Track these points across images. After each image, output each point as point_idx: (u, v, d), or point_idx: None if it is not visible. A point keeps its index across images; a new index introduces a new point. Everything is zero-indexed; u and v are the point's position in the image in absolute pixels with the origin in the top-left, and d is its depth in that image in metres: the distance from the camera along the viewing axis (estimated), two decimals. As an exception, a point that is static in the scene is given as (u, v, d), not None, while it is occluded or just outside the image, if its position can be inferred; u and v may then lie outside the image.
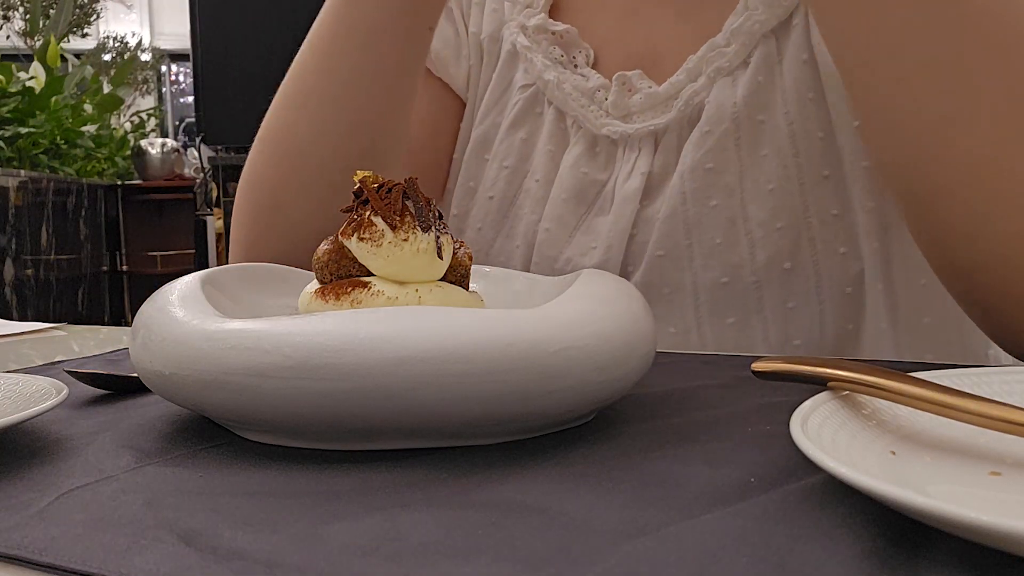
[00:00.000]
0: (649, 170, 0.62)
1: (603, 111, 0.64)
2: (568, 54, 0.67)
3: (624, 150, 0.64)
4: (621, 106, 0.63)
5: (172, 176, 4.14)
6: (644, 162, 0.63)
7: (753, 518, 0.26)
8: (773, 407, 0.37)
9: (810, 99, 0.58)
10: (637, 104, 0.63)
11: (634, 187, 0.62)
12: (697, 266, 0.60)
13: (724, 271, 0.60)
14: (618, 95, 0.63)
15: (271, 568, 0.24)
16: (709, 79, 0.60)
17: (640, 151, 0.63)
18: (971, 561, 0.22)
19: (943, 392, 0.29)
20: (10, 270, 3.06)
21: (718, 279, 0.60)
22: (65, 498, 0.30)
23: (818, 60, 0.58)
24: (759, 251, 0.59)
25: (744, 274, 0.59)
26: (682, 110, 0.61)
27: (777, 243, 0.58)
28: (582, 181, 0.64)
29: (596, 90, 0.64)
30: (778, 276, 0.59)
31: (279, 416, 0.32)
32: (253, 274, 0.48)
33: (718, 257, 0.60)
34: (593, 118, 0.64)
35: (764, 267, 0.59)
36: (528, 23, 0.68)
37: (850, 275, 0.58)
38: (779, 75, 0.59)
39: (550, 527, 0.26)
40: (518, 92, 0.68)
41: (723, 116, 0.60)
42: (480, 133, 0.70)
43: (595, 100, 0.65)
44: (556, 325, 0.33)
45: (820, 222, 0.58)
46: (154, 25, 7.47)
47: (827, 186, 0.58)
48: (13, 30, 4.98)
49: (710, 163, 0.60)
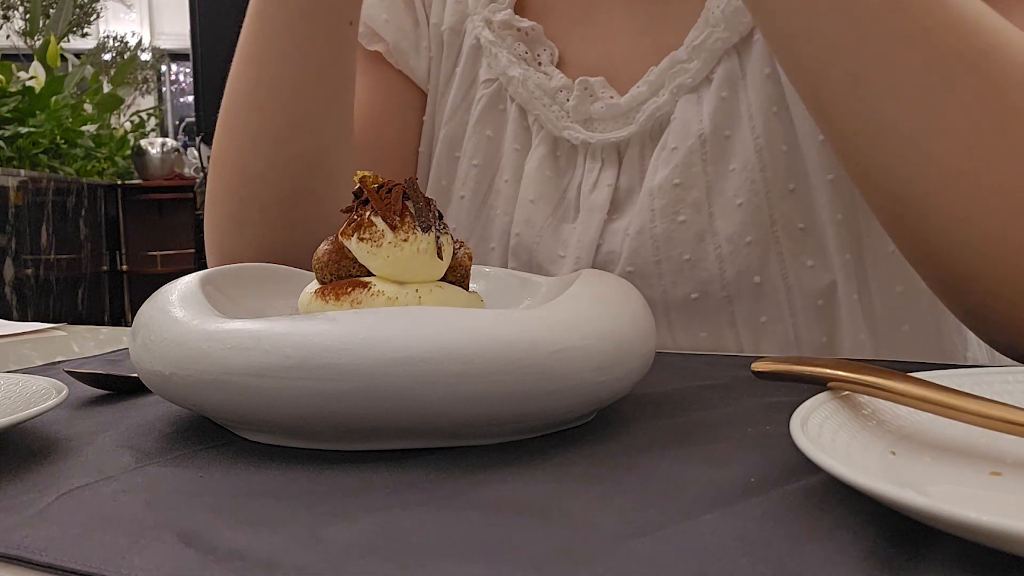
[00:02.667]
0: (615, 183, 0.62)
1: (564, 112, 0.64)
2: (532, 51, 0.66)
3: (585, 158, 0.64)
4: (582, 111, 0.63)
5: (172, 176, 4.14)
6: (609, 174, 0.62)
7: (753, 518, 0.26)
8: (773, 407, 0.37)
9: (774, 113, 0.58)
10: (598, 112, 0.63)
11: (601, 199, 0.62)
12: (667, 282, 0.60)
13: (694, 287, 0.60)
14: (580, 100, 0.63)
15: (271, 568, 0.24)
16: (672, 95, 0.60)
17: (603, 161, 0.63)
18: (971, 561, 0.22)
19: (943, 392, 0.29)
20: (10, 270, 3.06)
21: (688, 295, 0.60)
22: (65, 498, 0.30)
23: (780, 74, 0.58)
24: (728, 266, 0.59)
25: (714, 289, 0.59)
26: (644, 124, 0.61)
27: (746, 258, 0.58)
28: (546, 184, 0.64)
29: (559, 90, 0.64)
30: (748, 291, 0.59)
31: (279, 416, 0.32)
32: (253, 274, 0.48)
33: (687, 273, 0.60)
34: (555, 119, 0.64)
35: (734, 282, 0.59)
36: (494, 18, 0.67)
37: (820, 287, 0.58)
38: (743, 90, 0.59)
39: (550, 527, 0.26)
40: (482, 87, 0.68)
41: (689, 133, 0.59)
42: (449, 131, 0.70)
43: (557, 100, 0.64)
44: (556, 325, 0.33)
45: (787, 235, 0.58)
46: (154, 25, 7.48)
47: (793, 199, 0.58)
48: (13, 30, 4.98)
49: (677, 179, 0.59)
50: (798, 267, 0.58)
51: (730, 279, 0.59)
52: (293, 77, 0.58)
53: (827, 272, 0.58)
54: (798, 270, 0.58)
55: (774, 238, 0.58)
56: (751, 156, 0.58)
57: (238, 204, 0.61)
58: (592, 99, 0.63)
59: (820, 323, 0.59)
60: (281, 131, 0.59)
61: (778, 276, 0.59)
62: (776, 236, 0.58)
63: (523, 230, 0.65)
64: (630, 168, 0.62)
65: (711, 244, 0.59)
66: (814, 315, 0.59)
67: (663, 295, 0.61)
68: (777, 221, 0.58)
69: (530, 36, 0.66)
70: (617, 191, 0.62)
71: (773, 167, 0.58)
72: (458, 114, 0.70)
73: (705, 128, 0.59)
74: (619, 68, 0.64)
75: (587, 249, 0.62)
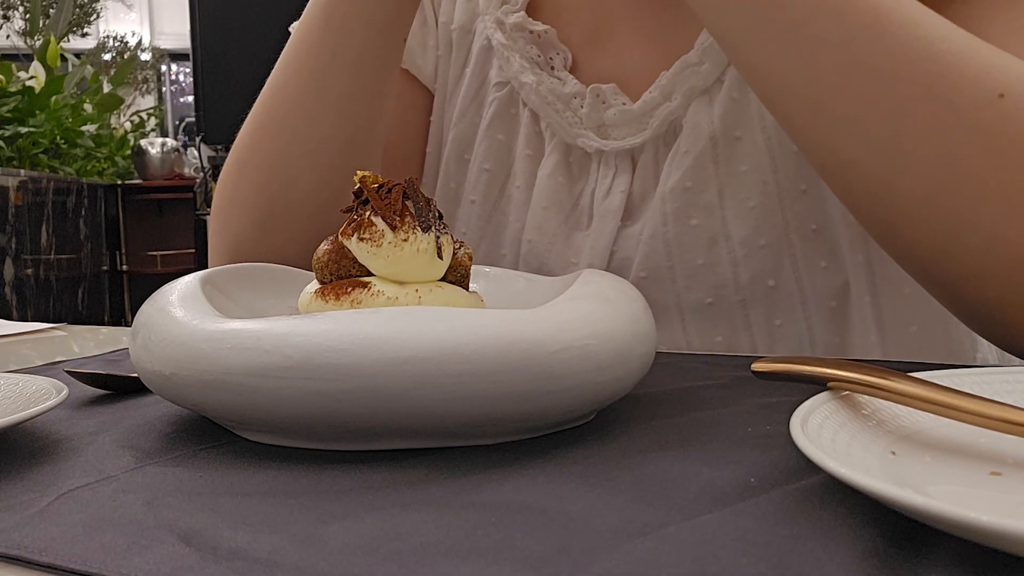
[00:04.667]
0: (629, 189, 0.62)
1: (578, 119, 0.64)
2: (545, 55, 0.66)
3: (599, 164, 0.63)
4: (595, 118, 0.63)
5: (172, 176, 4.14)
6: (623, 180, 0.62)
7: (753, 518, 0.26)
8: (773, 407, 0.37)
9: None
10: (611, 119, 0.62)
11: (615, 205, 0.62)
12: (680, 287, 0.60)
13: (708, 291, 0.59)
14: (592, 107, 0.63)
15: (271, 568, 0.24)
16: (685, 98, 0.60)
17: (617, 167, 0.63)
18: (971, 561, 0.22)
19: (943, 392, 0.29)
20: (10, 270, 3.06)
21: (703, 299, 0.60)
22: (65, 498, 0.30)
23: None
24: (743, 270, 0.59)
25: (728, 293, 0.59)
26: (657, 129, 0.61)
27: (761, 261, 0.58)
28: (559, 191, 0.64)
29: (572, 96, 0.64)
30: (763, 294, 0.59)
31: (279, 416, 0.32)
32: (253, 274, 0.48)
33: (701, 277, 0.60)
34: (567, 126, 0.64)
35: (749, 286, 0.59)
36: (506, 20, 0.66)
37: (833, 289, 0.58)
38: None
39: (550, 527, 0.26)
40: (493, 90, 0.68)
41: (700, 135, 0.59)
42: (458, 132, 0.70)
43: (571, 107, 0.64)
44: (556, 325, 0.33)
45: (800, 237, 0.58)
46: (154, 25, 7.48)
47: (805, 200, 0.58)
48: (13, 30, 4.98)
49: (689, 182, 0.59)
50: (812, 269, 0.58)
51: (744, 283, 0.59)
52: (347, 89, 0.58)
53: (840, 273, 0.58)
54: (812, 272, 0.58)
55: (787, 240, 0.58)
56: (762, 157, 0.58)
57: (267, 211, 0.60)
58: (605, 106, 0.63)
59: (833, 324, 0.59)
60: (329, 143, 0.59)
61: (792, 279, 0.58)
62: (789, 238, 0.58)
63: (535, 237, 0.64)
64: (644, 173, 0.62)
65: (724, 248, 0.59)
66: (828, 316, 0.59)
67: (677, 299, 0.60)
68: (790, 223, 0.58)
69: (543, 39, 0.66)
70: (631, 196, 0.62)
71: (784, 168, 0.58)
72: (468, 116, 0.69)
73: (716, 129, 0.59)
74: (631, 74, 0.63)
75: (600, 255, 0.62)
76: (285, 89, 0.60)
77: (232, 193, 0.62)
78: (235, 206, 0.62)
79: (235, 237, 0.62)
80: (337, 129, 0.59)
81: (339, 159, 0.59)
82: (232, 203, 0.62)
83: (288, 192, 0.60)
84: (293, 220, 0.60)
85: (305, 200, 0.59)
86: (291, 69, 0.60)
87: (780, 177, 0.58)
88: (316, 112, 0.59)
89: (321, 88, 0.58)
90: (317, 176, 0.59)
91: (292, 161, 0.59)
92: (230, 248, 0.62)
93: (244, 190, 0.61)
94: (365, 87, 0.58)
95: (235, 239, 0.62)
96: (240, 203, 0.61)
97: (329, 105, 0.58)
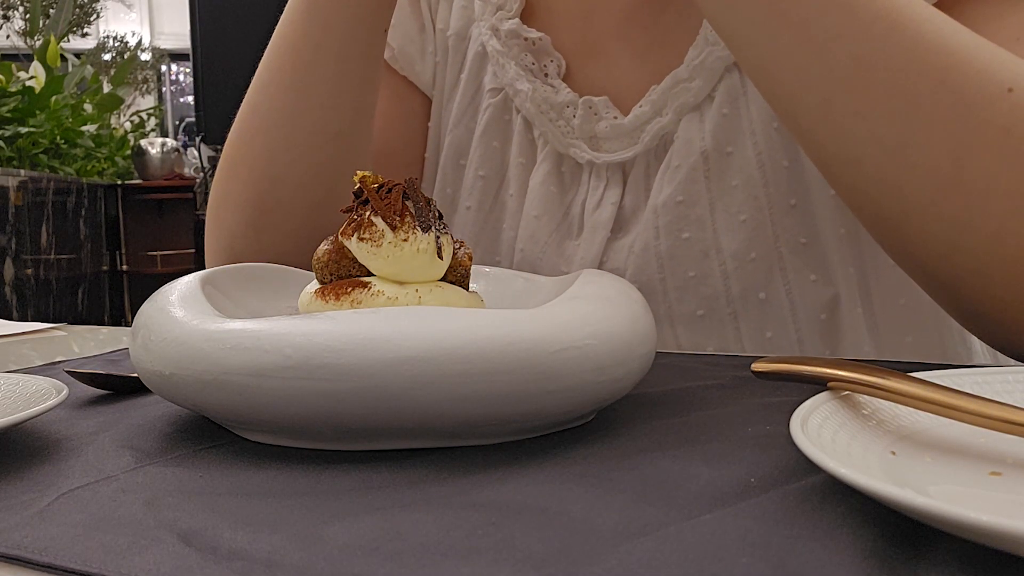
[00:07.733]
0: (619, 202, 0.62)
1: (570, 128, 0.64)
2: (539, 62, 0.66)
3: (590, 176, 0.64)
4: (587, 130, 0.63)
5: (172, 176, 4.14)
6: (613, 192, 0.63)
7: (753, 518, 0.26)
8: (773, 407, 0.37)
9: (775, 128, 0.58)
10: (603, 131, 0.63)
11: (604, 217, 0.62)
12: (672, 299, 0.60)
13: (699, 304, 0.60)
14: (584, 119, 0.63)
15: (271, 568, 0.24)
16: (676, 114, 0.60)
17: (608, 180, 0.63)
18: (971, 561, 0.22)
19: (943, 392, 0.29)
20: (10, 270, 3.06)
21: (694, 311, 0.60)
22: (65, 498, 0.30)
23: None
24: (734, 283, 0.59)
25: (720, 306, 0.59)
26: (648, 144, 0.61)
27: (751, 274, 0.59)
28: (551, 200, 0.64)
29: (565, 105, 0.64)
30: (754, 307, 0.59)
31: (279, 416, 0.32)
32: (253, 274, 0.48)
33: (692, 290, 0.60)
34: (560, 135, 0.64)
35: (740, 298, 0.59)
36: (501, 27, 0.67)
37: (823, 301, 0.59)
38: (744, 106, 0.59)
39: (550, 527, 0.26)
40: (488, 96, 0.68)
41: (692, 150, 0.60)
42: (454, 138, 0.70)
43: (563, 116, 0.64)
44: (556, 325, 0.33)
45: (790, 251, 0.58)
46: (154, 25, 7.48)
47: (795, 215, 0.58)
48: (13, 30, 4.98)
49: (681, 196, 0.60)
50: (802, 282, 0.59)
51: (735, 295, 0.59)
52: (331, 83, 0.58)
53: (829, 286, 0.59)
54: (802, 285, 0.59)
55: (777, 254, 0.59)
56: (753, 172, 0.59)
57: (259, 208, 0.60)
58: (597, 118, 0.63)
59: (824, 336, 0.59)
60: (316, 137, 0.59)
61: (782, 291, 0.59)
62: (779, 252, 0.59)
63: (527, 245, 0.65)
64: (635, 187, 0.62)
65: (716, 261, 0.59)
66: (818, 329, 0.59)
67: (668, 311, 0.61)
68: (780, 236, 0.58)
69: (537, 47, 0.66)
70: (621, 210, 0.63)
71: (775, 182, 0.58)
72: (463, 121, 0.69)
73: (707, 145, 0.59)
74: (622, 87, 0.64)
75: (590, 266, 0.62)
76: (271, 86, 0.60)
77: (224, 191, 0.62)
78: (228, 204, 0.62)
79: (229, 235, 0.62)
80: (324, 123, 0.59)
81: (328, 153, 0.59)
82: (225, 201, 0.62)
83: (278, 188, 0.60)
84: (285, 216, 0.60)
85: (296, 196, 0.59)
86: (275, 65, 0.60)
87: (770, 191, 0.58)
88: (302, 107, 0.59)
89: (306, 82, 0.58)
90: (307, 171, 0.59)
91: (281, 157, 0.59)
92: (225, 246, 0.62)
93: (236, 188, 0.61)
94: (350, 79, 0.58)
95: (229, 237, 0.62)
96: (232, 201, 0.62)
97: (314, 99, 0.58)
